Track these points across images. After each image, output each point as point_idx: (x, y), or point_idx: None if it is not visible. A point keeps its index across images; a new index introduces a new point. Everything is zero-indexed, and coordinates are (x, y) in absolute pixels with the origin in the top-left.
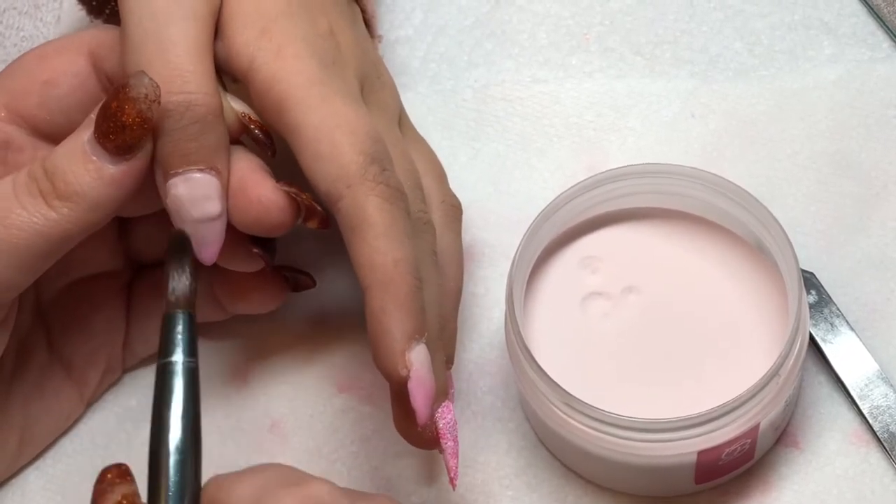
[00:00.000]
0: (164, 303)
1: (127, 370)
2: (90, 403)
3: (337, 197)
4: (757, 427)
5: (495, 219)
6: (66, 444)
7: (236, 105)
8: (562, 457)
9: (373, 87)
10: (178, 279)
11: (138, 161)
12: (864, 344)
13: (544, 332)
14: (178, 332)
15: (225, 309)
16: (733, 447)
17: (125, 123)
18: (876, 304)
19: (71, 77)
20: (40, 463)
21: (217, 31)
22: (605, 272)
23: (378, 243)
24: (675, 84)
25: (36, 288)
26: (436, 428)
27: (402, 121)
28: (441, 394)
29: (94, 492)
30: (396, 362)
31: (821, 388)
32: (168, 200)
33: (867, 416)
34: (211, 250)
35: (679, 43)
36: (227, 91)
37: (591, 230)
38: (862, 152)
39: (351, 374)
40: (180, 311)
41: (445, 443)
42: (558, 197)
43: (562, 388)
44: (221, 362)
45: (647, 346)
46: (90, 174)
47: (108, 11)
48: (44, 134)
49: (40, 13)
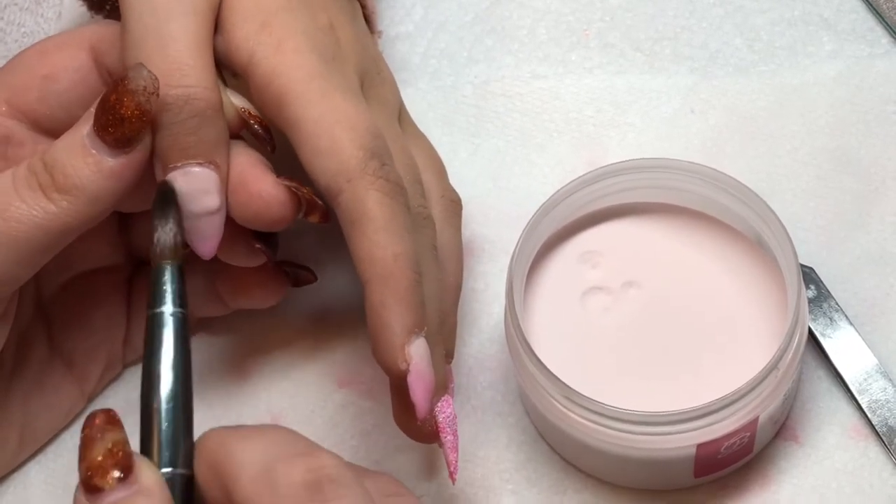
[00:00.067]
0: (151, 254)
1: (128, 365)
2: (91, 398)
3: (337, 191)
4: (756, 420)
5: (495, 214)
6: (67, 439)
7: (236, 100)
8: (562, 450)
9: (373, 82)
10: (162, 230)
11: (137, 154)
12: (863, 338)
13: (544, 326)
14: (165, 283)
15: (226, 304)
16: (732, 440)
17: (124, 116)
18: (875, 299)
19: (72, 72)
20: (41, 457)
21: (217, 25)
22: (605, 267)
23: (378, 237)
24: (674, 80)
25: (36, 282)
26: (435, 422)
27: (401, 116)
28: (441, 388)
29: (83, 437)
30: (396, 356)
31: (820, 382)
32: None
33: (866, 410)
34: (210, 244)
35: (679, 39)
36: (227, 86)
37: (590, 225)
38: (861, 148)
39: (351, 368)
40: (167, 261)
41: (445, 437)
42: (558, 192)
43: (562, 382)
44: (222, 357)
45: (647, 341)
46: (89, 167)
47: (108, 7)
48: (44, 129)
49: (41, 9)
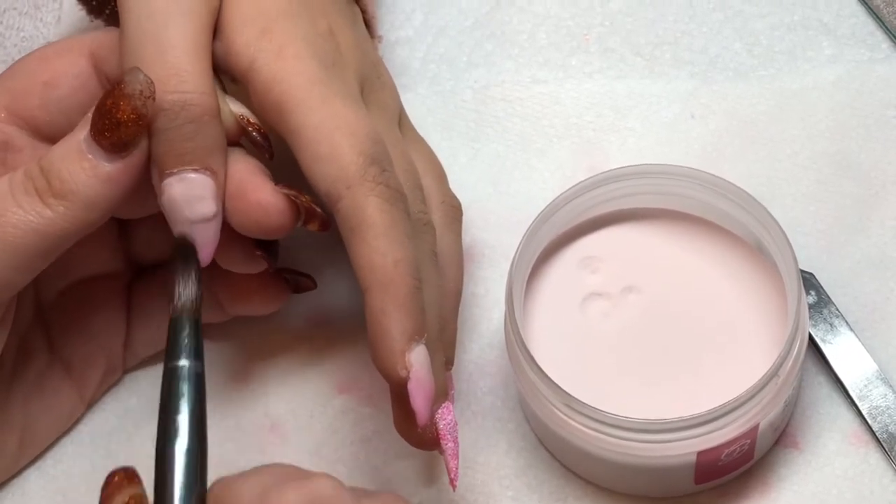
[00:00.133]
0: (170, 307)
1: (127, 371)
2: (91, 404)
3: (336, 198)
4: (756, 427)
5: (495, 219)
6: (66, 445)
7: (235, 107)
8: (562, 457)
9: (373, 87)
10: (184, 285)
11: (133, 159)
12: (864, 344)
13: (544, 332)
14: (185, 337)
15: (225, 310)
16: (733, 448)
17: (120, 120)
18: (875, 305)
19: (72, 78)
20: (41, 463)
21: (216, 30)
22: (605, 272)
23: (378, 244)
24: (675, 85)
25: (36, 288)
26: (436, 429)
27: (402, 121)
28: (441, 394)
29: (102, 496)
30: (396, 363)
31: (820, 388)
32: (163, 200)
33: (866, 416)
34: (205, 251)
35: (679, 44)
36: (226, 93)
37: (590, 230)
38: (861, 152)
39: (351, 375)
40: (186, 315)
41: (445, 443)
42: (558, 197)
43: (562, 389)
44: (221, 363)
45: (647, 347)
46: (85, 172)
47: (108, 11)
48: (44, 135)
49: (40, 13)
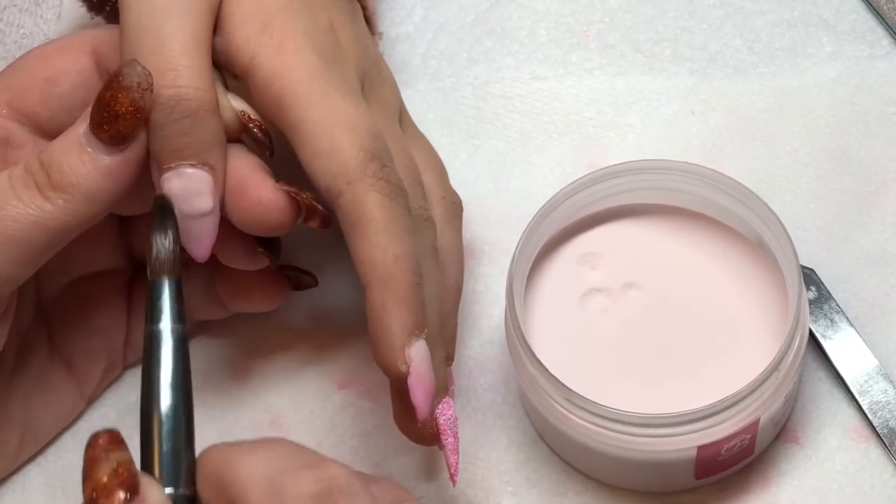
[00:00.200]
0: (147, 269)
1: (128, 366)
2: (91, 400)
3: (337, 193)
4: (757, 422)
5: (495, 215)
6: (66, 441)
7: (236, 103)
8: (562, 452)
9: (373, 83)
10: (161, 244)
11: (132, 152)
12: (864, 340)
13: (544, 328)
14: (165, 299)
15: (226, 307)
16: (733, 442)
17: (119, 112)
18: (876, 300)
19: (74, 75)
20: (41, 459)
21: (217, 25)
22: (605, 268)
23: (378, 239)
24: (674, 81)
25: (37, 285)
26: (436, 424)
27: (402, 117)
28: (441, 390)
29: (86, 458)
30: (396, 358)
31: (820, 383)
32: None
33: (867, 411)
34: (203, 246)
35: (679, 40)
36: (227, 89)
37: (590, 227)
38: (862, 149)
39: (351, 370)
40: (165, 276)
41: (446, 439)
42: (558, 193)
43: (562, 384)
44: (221, 358)
45: (647, 342)
46: (85, 165)
47: (108, 8)
48: (45, 132)
49: (40, 10)
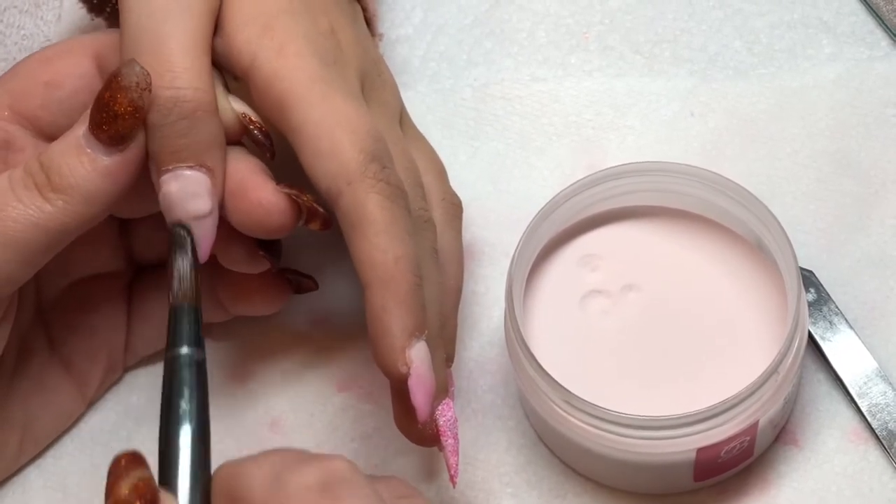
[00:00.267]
0: (169, 296)
1: (128, 369)
2: (91, 402)
3: (337, 194)
4: (756, 424)
5: (495, 217)
6: (66, 443)
7: (237, 105)
8: (561, 454)
9: (373, 85)
10: (182, 273)
11: (131, 153)
12: (863, 342)
13: (544, 330)
14: (186, 325)
15: (227, 310)
16: (732, 444)
17: (118, 113)
18: (875, 303)
19: (75, 78)
20: (41, 461)
21: (217, 27)
22: (605, 270)
23: (378, 240)
24: (674, 83)
25: (37, 287)
26: (436, 425)
27: (402, 119)
28: (441, 391)
29: (109, 478)
30: (396, 359)
31: (820, 385)
32: (160, 197)
33: (866, 413)
34: (202, 248)
35: (678, 42)
36: (229, 91)
37: (590, 228)
38: (861, 151)
39: (351, 372)
40: (186, 304)
41: (446, 440)
42: (558, 195)
43: (561, 386)
44: (222, 360)
45: (647, 344)
46: (84, 166)
47: (108, 10)
48: (47, 135)
49: (41, 11)
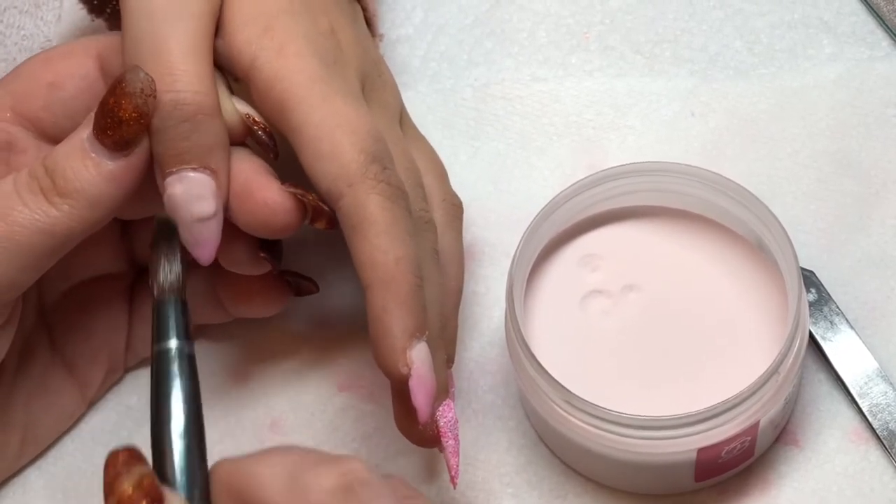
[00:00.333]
0: (154, 289)
1: (128, 369)
2: (93, 403)
3: (338, 196)
4: (757, 425)
5: (495, 217)
6: (67, 443)
7: (240, 106)
8: (562, 454)
9: (374, 85)
10: (167, 266)
11: (135, 157)
12: (864, 342)
13: (545, 330)
14: (172, 318)
15: (227, 311)
16: (733, 445)
17: (122, 118)
18: (876, 303)
19: (78, 80)
20: (41, 462)
21: (218, 28)
22: (605, 270)
23: (379, 241)
24: (675, 83)
25: (39, 289)
26: (437, 426)
27: (403, 119)
28: (442, 392)
29: (107, 475)
30: (397, 360)
31: (820, 385)
32: (164, 199)
33: (867, 413)
34: (207, 250)
35: (679, 42)
36: (232, 92)
37: (590, 228)
38: (862, 151)
39: (351, 372)
40: (172, 296)
41: (446, 441)
42: (558, 195)
43: (562, 386)
44: (222, 361)
45: (648, 344)
46: (89, 170)
47: (108, 11)
48: (49, 136)
49: (41, 12)
